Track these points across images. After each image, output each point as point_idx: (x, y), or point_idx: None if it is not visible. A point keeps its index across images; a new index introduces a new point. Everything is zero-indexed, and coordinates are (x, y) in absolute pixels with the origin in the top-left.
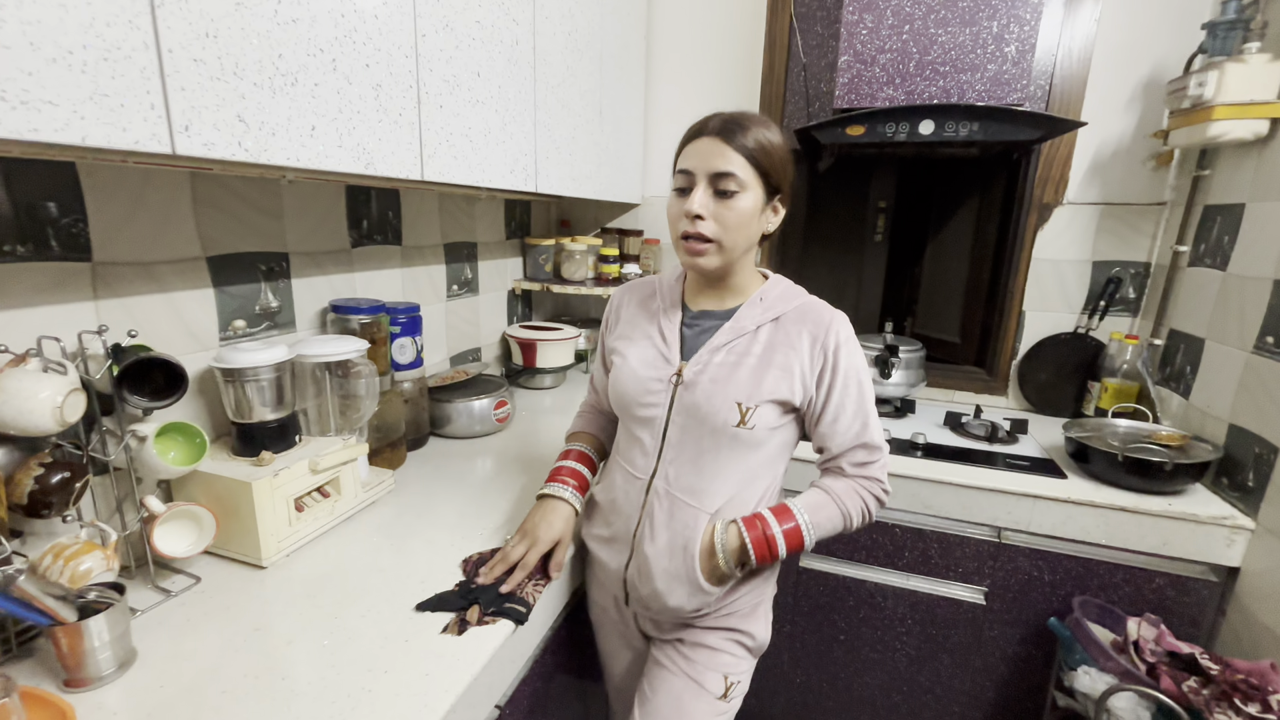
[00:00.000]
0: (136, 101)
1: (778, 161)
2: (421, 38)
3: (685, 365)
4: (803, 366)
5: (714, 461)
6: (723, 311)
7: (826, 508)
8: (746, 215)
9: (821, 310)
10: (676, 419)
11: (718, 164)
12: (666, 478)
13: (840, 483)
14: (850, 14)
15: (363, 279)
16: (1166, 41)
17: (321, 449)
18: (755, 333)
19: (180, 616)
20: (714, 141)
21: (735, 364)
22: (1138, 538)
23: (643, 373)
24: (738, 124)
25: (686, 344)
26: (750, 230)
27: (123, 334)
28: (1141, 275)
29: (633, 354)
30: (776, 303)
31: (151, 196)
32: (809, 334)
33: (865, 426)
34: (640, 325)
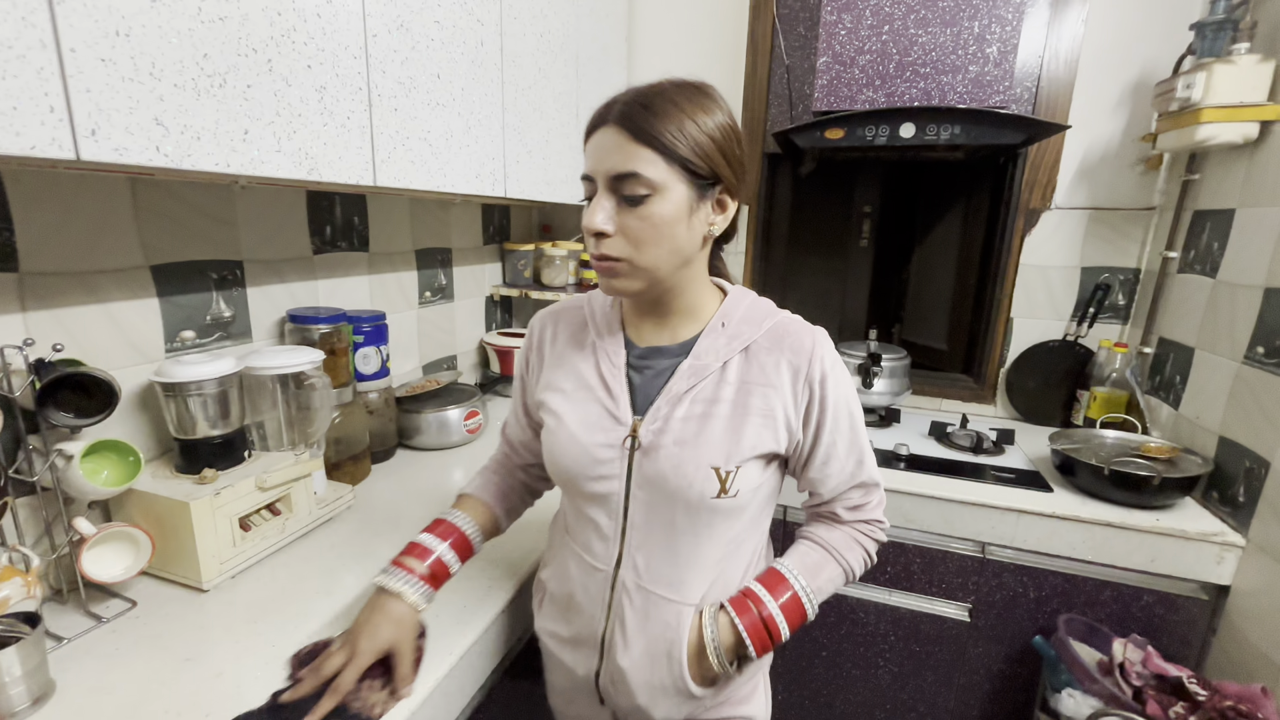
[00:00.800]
0: (33, 104)
1: (710, 146)
2: (372, 38)
3: (640, 423)
4: (786, 407)
5: (693, 542)
6: (677, 346)
7: (826, 567)
8: (663, 224)
9: (800, 333)
10: (638, 494)
11: (616, 163)
12: (635, 568)
13: (836, 533)
14: (829, 14)
15: (326, 287)
16: (1155, 43)
17: (271, 465)
18: (722, 371)
19: (110, 645)
20: (614, 133)
21: (704, 416)
22: (1125, 554)
23: (586, 438)
24: (645, 106)
25: (637, 393)
26: (676, 240)
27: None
28: (1131, 281)
29: (570, 412)
30: (742, 326)
31: (85, 204)
32: (789, 365)
33: (860, 464)
34: (573, 369)
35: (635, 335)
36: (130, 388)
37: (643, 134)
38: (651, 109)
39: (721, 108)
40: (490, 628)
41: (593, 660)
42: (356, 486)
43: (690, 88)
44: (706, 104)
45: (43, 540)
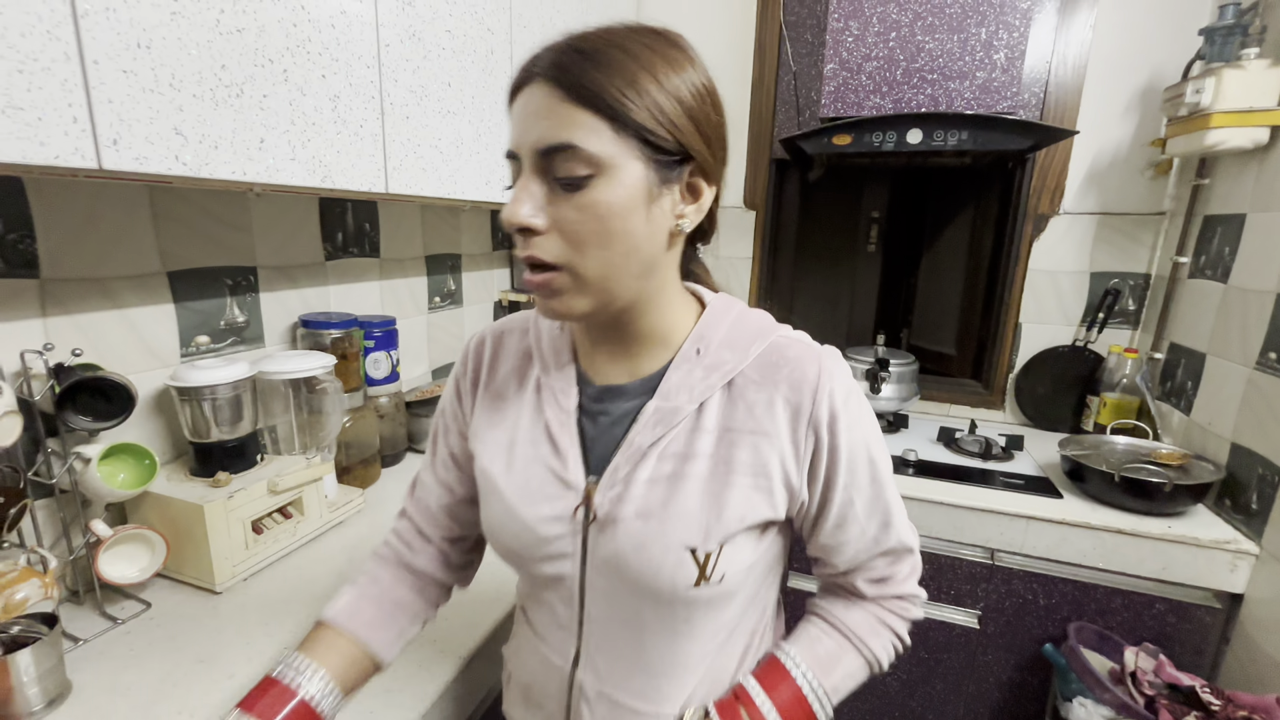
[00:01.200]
0: (57, 115)
1: (677, 110)
2: (385, 47)
3: (594, 486)
4: (784, 460)
5: (669, 643)
6: (639, 383)
7: (843, 659)
8: (612, 215)
9: (802, 359)
10: (596, 581)
11: (545, 132)
12: (595, 670)
13: (858, 614)
14: (836, 21)
15: (338, 292)
16: (1164, 48)
17: (283, 469)
18: (698, 416)
19: (124, 646)
20: (543, 92)
21: (674, 479)
22: (1136, 561)
23: (527, 511)
24: (585, 54)
25: (591, 446)
26: (632, 239)
27: (70, 353)
28: (1141, 286)
29: (506, 476)
30: (724, 352)
31: (105, 211)
32: (786, 404)
33: (886, 527)
34: (511, 414)
35: (590, 368)
36: (146, 392)
37: (582, 91)
38: (594, 58)
39: (695, 63)
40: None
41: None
42: (366, 490)
43: (650, 33)
44: (673, 55)
45: (60, 542)
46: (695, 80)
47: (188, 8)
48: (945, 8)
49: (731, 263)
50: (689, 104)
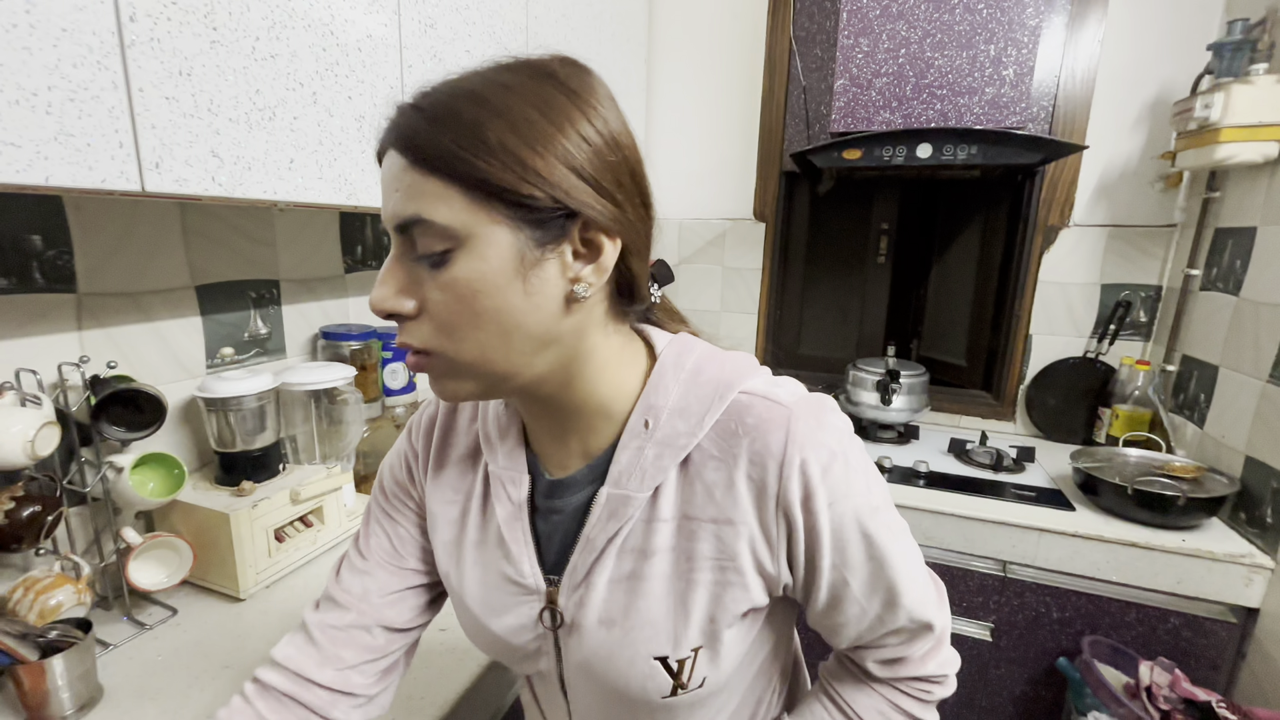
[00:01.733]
0: (104, 141)
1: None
2: (408, 69)
3: (556, 590)
4: (754, 546)
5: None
6: (586, 470)
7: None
8: (478, 291)
9: (765, 424)
10: (576, 681)
11: (396, 205)
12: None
13: (867, 699)
14: (846, 38)
15: (356, 304)
16: (1172, 62)
17: (304, 478)
18: (653, 504)
19: (153, 651)
20: (391, 160)
21: (634, 580)
22: (1150, 575)
23: (493, 623)
24: (429, 114)
25: (547, 542)
26: (508, 315)
27: (105, 365)
28: (1152, 298)
29: (465, 580)
30: (676, 421)
31: (140, 227)
32: (749, 480)
33: (892, 605)
34: (460, 499)
35: (540, 450)
36: (173, 402)
37: (427, 156)
38: (436, 114)
39: (588, 103)
40: None
41: None
42: None
43: (526, 72)
44: (547, 94)
45: (92, 549)
46: (581, 122)
47: (226, 36)
48: (954, 25)
49: (741, 274)
50: (567, 152)
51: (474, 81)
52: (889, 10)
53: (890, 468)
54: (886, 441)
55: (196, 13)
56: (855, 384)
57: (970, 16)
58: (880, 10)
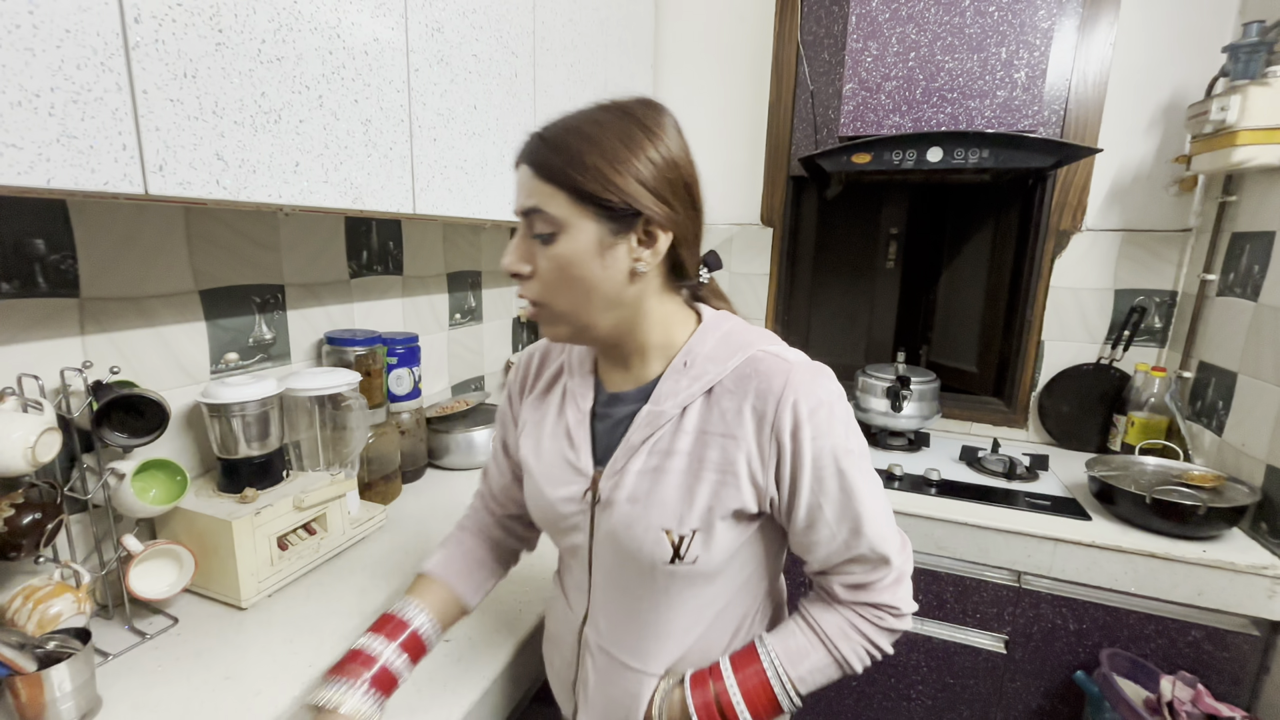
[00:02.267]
0: (107, 143)
1: (627, 181)
2: (414, 72)
3: (600, 474)
4: (750, 460)
5: (654, 609)
6: (637, 391)
7: (812, 654)
8: (572, 263)
9: (770, 373)
10: (600, 551)
11: (522, 199)
12: (597, 627)
13: (831, 616)
14: (855, 42)
15: (362, 309)
16: (1186, 65)
17: (308, 485)
18: (680, 420)
19: (153, 661)
20: (524, 170)
21: (658, 470)
22: (1170, 587)
23: (551, 491)
24: (550, 144)
25: (600, 442)
26: (590, 282)
27: (108, 370)
28: (1167, 304)
29: (538, 463)
30: (707, 365)
31: (144, 231)
32: (753, 410)
33: (857, 534)
34: (545, 413)
35: (605, 377)
36: (177, 408)
37: (545, 169)
38: (555, 144)
39: (655, 134)
40: (519, 652)
41: (569, 707)
42: (388, 506)
43: (617, 113)
44: (629, 132)
45: (92, 556)
46: (652, 151)
47: (231, 39)
48: (965, 28)
49: (748, 279)
50: (640, 171)
51: (579, 119)
52: (898, 13)
53: (901, 476)
54: (897, 449)
55: (202, 15)
56: (864, 390)
57: (981, 19)
58: (889, 14)
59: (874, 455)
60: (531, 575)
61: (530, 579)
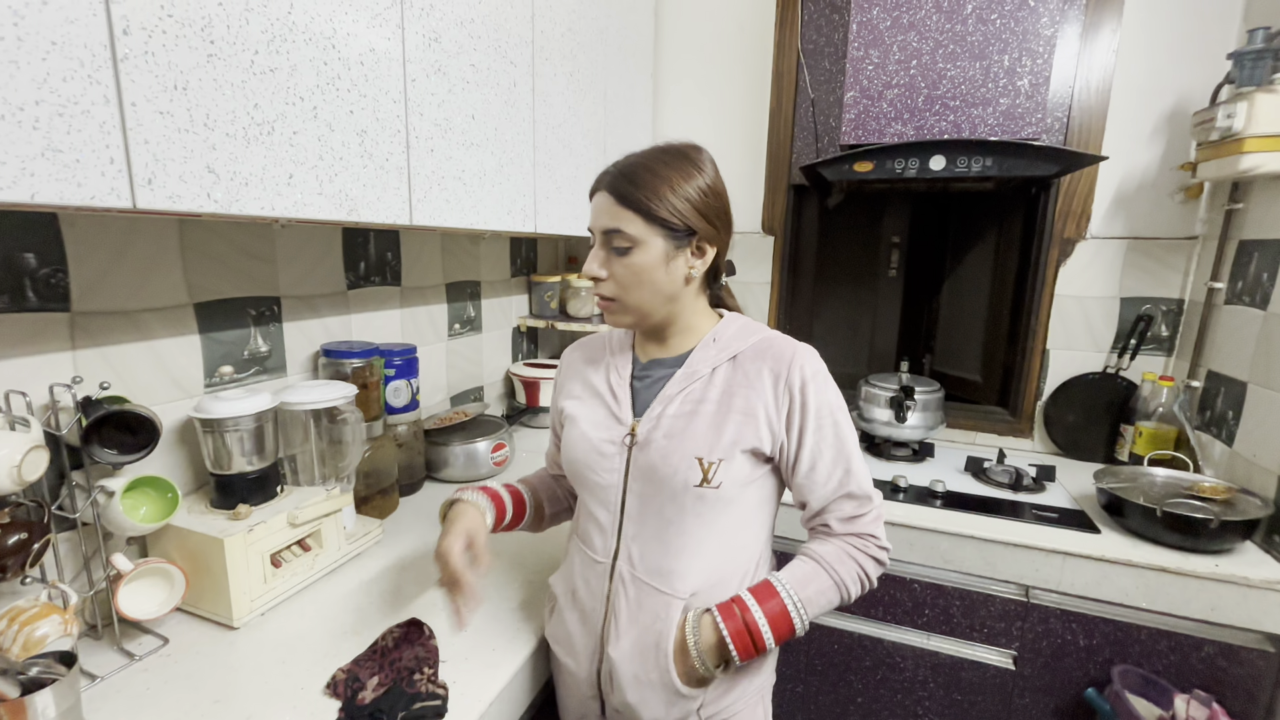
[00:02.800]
0: (94, 157)
1: (685, 206)
2: (411, 83)
3: (638, 423)
4: (767, 408)
5: (681, 533)
6: (673, 359)
7: (816, 579)
8: (643, 271)
9: (782, 345)
10: (634, 486)
11: (605, 222)
12: (630, 559)
13: (829, 546)
14: (856, 50)
15: (359, 321)
16: (1190, 72)
17: (302, 500)
18: (710, 376)
19: (141, 684)
20: (604, 197)
21: (691, 414)
22: (1182, 601)
23: (593, 435)
24: (627, 177)
25: (638, 399)
26: (657, 283)
27: (98, 386)
28: (1174, 312)
29: (582, 415)
30: (732, 341)
31: (137, 245)
32: (770, 371)
33: (849, 473)
34: (589, 384)
35: (641, 353)
36: (170, 423)
37: (626, 199)
38: (633, 179)
39: (702, 169)
40: (517, 675)
41: (594, 657)
42: (385, 520)
43: (674, 153)
44: (685, 169)
45: (81, 576)
46: (702, 183)
47: (224, 50)
48: (967, 36)
49: (750, 287)
50: (694, 199)
51: (646, 157)
52: (900, 21)
53: (905, 487)
54: (901, 459)
55: (193, 26)
56: (868, 400)
57: (983, 27)
58: (891, 21)
59: (878, 467)
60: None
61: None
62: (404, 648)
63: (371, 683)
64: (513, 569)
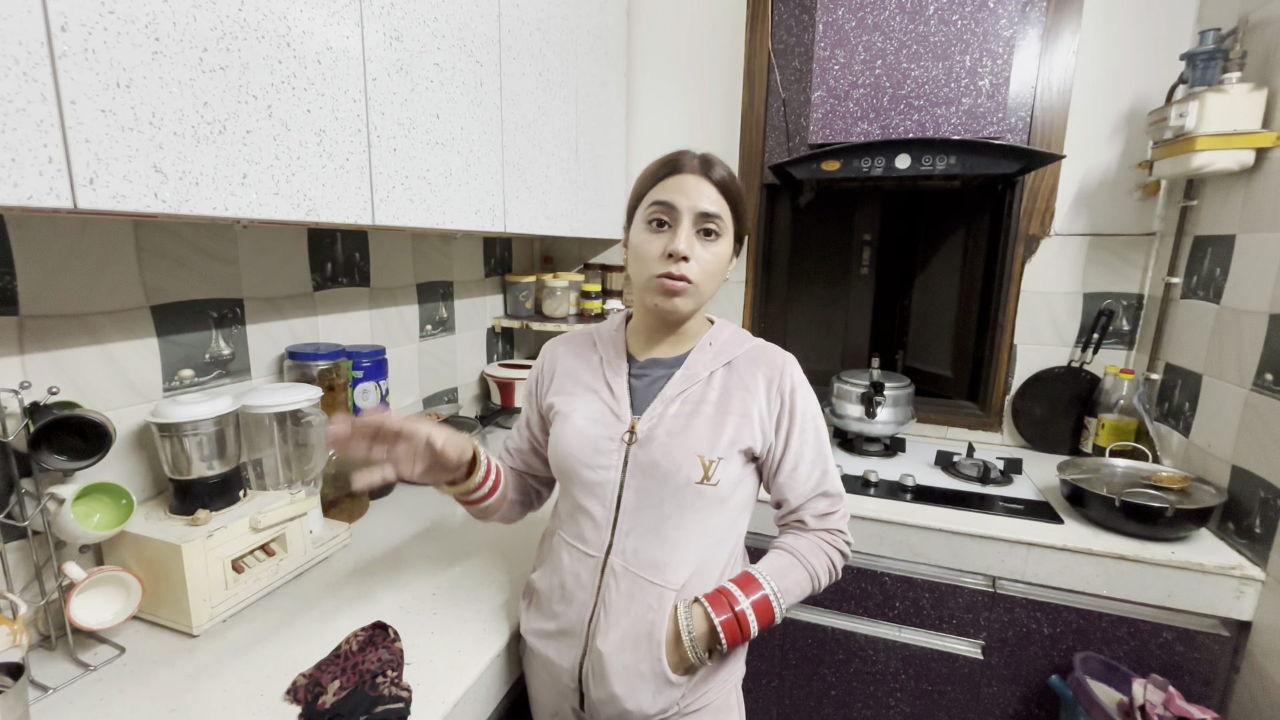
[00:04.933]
0: (31, 155)
1: (744, 204)
2: (372, 81)
3: (638, 420)
4: (761, 411)
5: (677, 527)
6: (672, 359)
7: (793, 571)
8: (723, 260)
9: (774, 353)
10: (632, 482)
11: (704, 204)
12: (624, 553)
13: (802, 540)
14: (822, 50)
15: (326, 322)
16: (1147, 72)
17: (265, 504)
18: (709, 379)
19: (95, 695)
20: (698, 179)
21: (692, 414)
22: (1140, 588)
23: (590, 431)
24: (713, 162)
25: (636, 397)
26: (722, 276)
27: (47, 391)
28: (1134, 307)
29: (578, 410)
30: (726, 347)
31: (89, 246)
32: (764, 377)
33: (825, 474)
34: (582, 380)
35: (637, 352)
36: (127, 428)
37: (727, 192)
38: (717, 165)
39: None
40: (484, 674)
41: (577, 649)
42: (354, 524)
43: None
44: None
45: (32, 585)
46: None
47: (169, 47)
48: (929, 36)
49: (724, 286)
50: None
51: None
52: (864, 22)
53: (876, 482)
54: (873, 454)
55: (136, 23)
56: (840, 396)
57: (945, 28)
58: (856, 22)
59: (849, 461)
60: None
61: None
62: (368, 651)
63: (333, 686)
64: (483, 571)
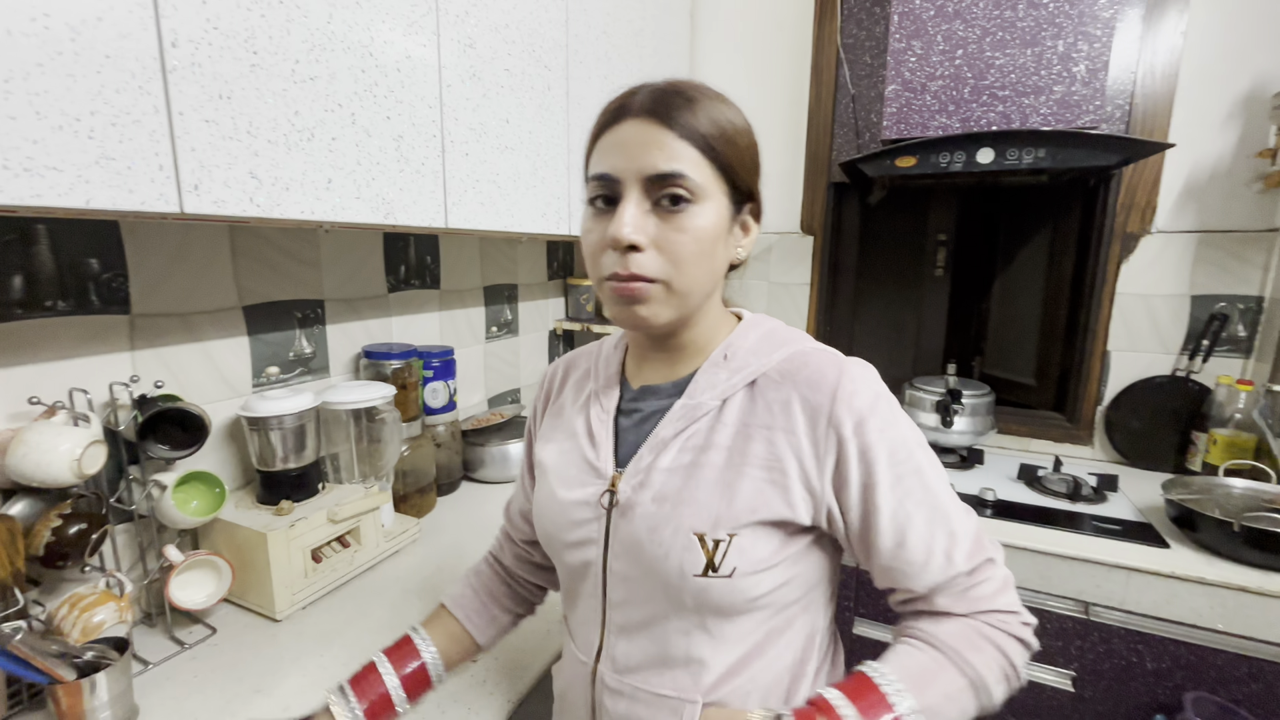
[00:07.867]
0: (144, 164)
1: (746, 151)
2: (446, 88)
3: (619, 475)
4: (802, 458)
5: (686, 640)
6: (671, 385)
7: (941, 676)
8: (705, 238)
9: (822, 362)
10: (615, 565)
11: (655, 161)
12: (613, 660)
13: (949, 625)
14: (897, 41)
15: (399, 323)
16: (1267, 52)
17: (342, 497)
18: (719, 412)
19: (190, 671)
20: (646, 126)
21: (691, 468)
22: (1265, 625)
23: (564, 494)
24: (680, 95)
25: (623, 441)
26: (715, 260)
27: (153, 384)
28: (1253, 311)
29: (554, 466)
30: (749, 357)
31: (192, 249)
32: (804, 401)
33: (953, 536)
34: (568, 419)
35: (633, 376)
36: (219, 421)
37: (685, 128)
38: (688, 98)
39: (746, 121)
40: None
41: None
42: (422, 519)
43: (710, 88)
44: (740, 116)
45: (137, 566)
46: (753, 138)
47: (266, 60)
48: (1017, 22)
49: (788, 289)
50: (755, 155)
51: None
52: (944, 10)
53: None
54: (948, 466)
55: (237, 37)
56: (912, 404)
57: (1035, 12)
58: (935, 10)
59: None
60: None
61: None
62: None
63: None
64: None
